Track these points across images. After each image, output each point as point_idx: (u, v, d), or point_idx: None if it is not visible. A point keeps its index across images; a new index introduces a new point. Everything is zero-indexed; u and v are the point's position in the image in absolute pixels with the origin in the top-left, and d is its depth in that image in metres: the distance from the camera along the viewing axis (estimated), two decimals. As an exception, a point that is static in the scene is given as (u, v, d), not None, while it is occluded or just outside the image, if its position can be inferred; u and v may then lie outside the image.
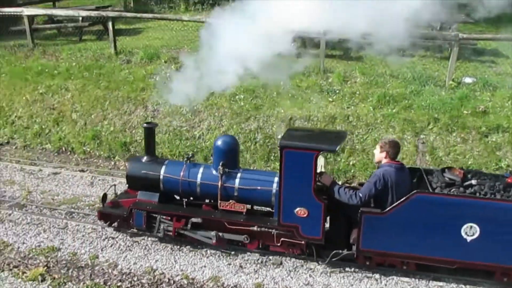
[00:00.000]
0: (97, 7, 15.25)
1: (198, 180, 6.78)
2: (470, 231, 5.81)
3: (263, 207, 6.97)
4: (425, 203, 5.84)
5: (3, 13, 13.15)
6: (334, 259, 6.32)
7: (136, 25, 15.74)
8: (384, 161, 6.19)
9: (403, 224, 5.95)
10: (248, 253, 6.70)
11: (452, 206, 5.78)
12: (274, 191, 6.45)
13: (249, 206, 6.82)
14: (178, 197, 7.18)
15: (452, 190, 5.98)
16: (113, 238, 7.09)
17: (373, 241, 6.12)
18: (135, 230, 7.12)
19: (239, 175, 6.67)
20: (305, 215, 6.20)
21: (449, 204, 5.79)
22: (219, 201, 6.70)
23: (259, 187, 6.55)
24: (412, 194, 5.80)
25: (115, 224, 7.20)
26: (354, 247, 6.20)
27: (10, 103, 11.30)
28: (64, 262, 6.56)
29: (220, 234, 6.61)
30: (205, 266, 6.49)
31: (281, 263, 6.53)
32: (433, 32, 12.02)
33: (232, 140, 6.94)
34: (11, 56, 12.97)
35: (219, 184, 6.61)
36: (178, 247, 6.89)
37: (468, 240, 5.84)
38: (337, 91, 10.08)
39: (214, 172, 6.72)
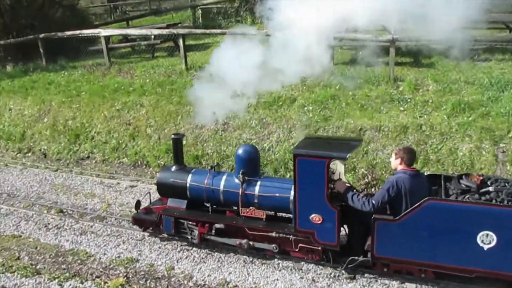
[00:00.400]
0: (167, 25, 15.84)
1: (221, 187, 7.10)
2: (487, 239, 5.61)
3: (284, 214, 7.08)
4: (437, 210, 5.72)
5: (83, 35, 14.01)
6: (350, 266, 6.34)
7: (205, 40, 16.17)
8: (399, 167, 6.14)
9: (416, 231, 5.86)
10: (321, 267, 6.66)
11: (465, 213, 5.63)
12: (291, 197, 6.56)
13: (272, 213, 7.04)
14: (207, 204, 7.37)
15: (466, 197, 5.80)
16: (187, 250, 7.28)
17: (387, 248, 6.08)
18: (165, 235, 7.53)
19: (259, 182, 6.92)
20: (320, 222, 6.32)
21: (463, 211, 5.65)
22: (240, 208, 6.98)
23: (277, 194, 6.74)
24: (424, 201, 5.71)
25: (150, 229, 7.60)
26: (369, 254, 6.20)
27: (90, 119, 11.97)
28: (142, 273, 6.82)
29: (251, 243, 6.86)
30: (277, 279, 6.51)
31: (354, 277, 6.43)
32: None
33: (252, 149, 7.20)
34: (90, 75, 13.75)
35: (240, 191, 6.90)
36: (251, 259, 6.96)
37: (485, 249, 5.63)
38: (409, 100, 9.81)
39: (235, 180, 6.99)
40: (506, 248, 5.54)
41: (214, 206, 7.34)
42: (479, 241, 5.62)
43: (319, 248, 6.51)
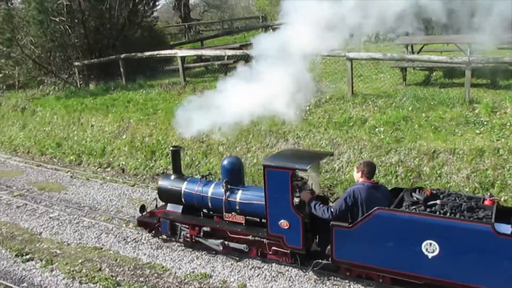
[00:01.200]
0: (240, 45, 16.28)
1: (209, 194, 7.94)
2: (430, 248, 5.99)
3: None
4: (385, 219, 6.20)
5: (160, 55, 14.71)
6: (315, 268, 7.02)
7: (276, 59, 16.42)
8: (360, 180, 6.66)
9: (368, 238, 6.35)
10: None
11: (410, 223, 6.07)
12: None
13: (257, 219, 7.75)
14: (205, 210, 8.25)
15: (411, 208, 6.23)
16: (259, 268, 7.45)
17: (344, 253, 6.64)
18: (164, 237, 8.56)
19: (240, 191, 7.71)
20: (287, 227, 7.03)
21: (407, 221, 6.10)
22: (224, 213, 7.81)
23: (255, 202, 7.47)
24: (374, 211, 6.20)
25: (153, 231, 8.67)
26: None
27: (166, 136, 12.53)
28: (215, 289, 7.07)
29: (226, 243, 7.74)
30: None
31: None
32: None
33: (236, 160, 8.08)
34: (166, 94, 14.39)
35: (224, 198, 7.70)
36: (321, 280, 7.01)
37: (430, 257, 6.02)
38: (485, 123, 9.49)
39: (221, 188, 7.74)
40: (448, 257, 5.91)
41: (205, 211, 8.27)
42: (423, 250, 6.03)
43: (288, 251, 7.17)
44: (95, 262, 8.07)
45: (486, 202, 6.25)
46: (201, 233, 7.98)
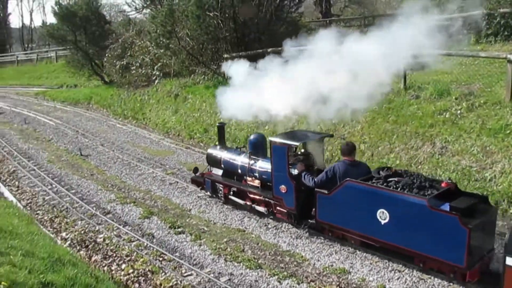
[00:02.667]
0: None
1: (239, 162, 9.92)
2: (383, 216, 7.24)
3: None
4: (352, 189, 7.62)
5: (306, 49, 14.95)
6: (305, 226, 8.74)
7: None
8: (342, 158, 8.32)
9: (341, 204, 7.86)
10: None
11: (368, 193, 7.40)
12: None
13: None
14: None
15: (372, 181, 7.52)
16: (399, 271, 7.33)
17: (325, 215, 8.23)
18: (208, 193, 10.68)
19: (260, 161, 9.56)
20: (285, 191, 8.81)
21: (366, 191, 7.42)
22: (247, 177, 9.82)
23: (268, 170, 9.18)
24: (344, 181, 7.72)
25: (201, 188, 10.87)
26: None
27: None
28: (354, 285, 7.10)
29: (250, 204, 9.68)
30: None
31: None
32: None
33: (259, 136, 10.11)
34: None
35: (248, 166, 9.62)
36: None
37: (382, 223, 7.26)
38: None
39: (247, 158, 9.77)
40: (395, 225, 7.12)
41: (237, 175, 10.16)
42: (378, 217, 7.30)
43: (285, 211, 8.93)
44: (239, 243, 8.57)
45: (443, 185, 7.20)
46: (231, 192, 10.02)
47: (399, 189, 7.14)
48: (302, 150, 9.59)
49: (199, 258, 8.12)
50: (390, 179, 7.48)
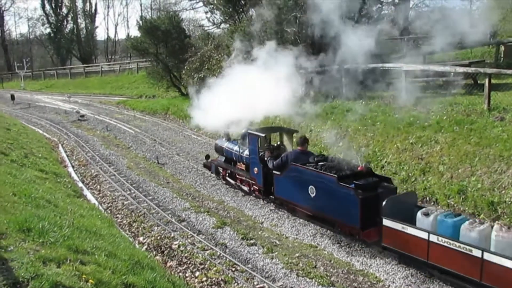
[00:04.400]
0: (470, 62, 15.36)
1: (234, 151, 12.52)
2: (312, 191, 9.47)
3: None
4: (294, 170, 9.97)
5: (384, 67, 14.74)
6: (268, 201, 11.37)
7: (510, 79, 15.10)
8: (296, 147, 10.76)
9: (288, 182, 10.20)
10: None
11: (302, 172, 9.71)
12: None
13: None
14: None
15: (306, 164, 9.83)
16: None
17: (279, 191, 10.61)
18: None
19: (246, 150, 11.90)
20: (256, 172, 11.29)
21: (301, 171, 9.75)
22: (237, 162, 12.46)
23: (250, 156, 11.69)
24: (290, 164, 10.12)
25: (210, 171, 13.87)
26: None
27: (382, 149, 12.53)
28: (431, 311, 6.85)
29: (237, 184, 12.46)
30: None
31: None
32: None
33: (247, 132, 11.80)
34: (385, 107, 14.39)
35: (238, 154, 12.30)
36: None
37: (312, 197, 9.50)
38: None
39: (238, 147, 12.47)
40: (319, 197, 9.35)
41: (233, 161, 12.83)
42: (309, 192, 9.54)
43: (258, 188, 11.43)
44: (311, 259, 8.53)
45: (359, 168, 9.32)
46: (227, 174, 12.84)
47: (322, 170, 9.39)
48: (278, 142, 12.36)
49: (271, 271, 8.16)
50: (320, 163, 9.79)
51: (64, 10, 60.57)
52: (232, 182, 12.57)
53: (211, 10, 29.09)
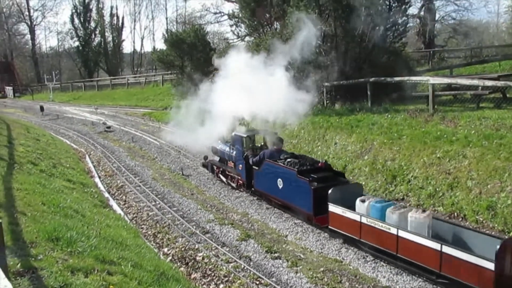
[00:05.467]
0: (499, 76, 15.12)
1: (226, 151, 14.22)
2: (280, 183, 11.32)
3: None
4: (268, 165, 11.89)
5: (410, 81, 14.62)
6: (250, 193, 13.21)
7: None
8: (273, 147, 12.66)
9: (263, 176, 12.07)
10: None
11: (274, 168, 11.64)
12: None
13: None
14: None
15: (277, 160, 11.80)
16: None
17: (258, 184, 12.49)
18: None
19: (234, 150, 13.73)
20: (241, 168, 13.17)
21: (273, 167, 11.68)
22: (228, 161, 14.21)
23: (235, 155, 13.68)
24: (265, 160, 12.02)
25: (208, 170, 15.88)
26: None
27: (409, 163, 12.36)
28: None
29: (227, 181, 14.41)
30: None
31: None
32: None
33: (235, 135, 13.65)
34: (412, 120, 14.23)
35: (228, 153, 13.99)
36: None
37: (280, 188, 11.36)
38: None
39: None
40: (285, 189, 11.15)
41: (225, 161, 14.64)
42: (278, 184, 11.34)
43: (242, 182, 13.37)
44: (336, 274, 8.44)
45: (320, 164, 11.22)
46: (220, 172, 14.79)
47: (287, 165, 11.27)
48: (262, 143, 14.14)
49: (296, 286, 8.10)
50: (288, 159, 11.63)
51: (92, 24, 61.97)
52: (224, 179, 14.49)
53: (236, 24, 29.42)
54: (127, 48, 68.25)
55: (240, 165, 13.13)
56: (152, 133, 24.83)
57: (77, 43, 62.24)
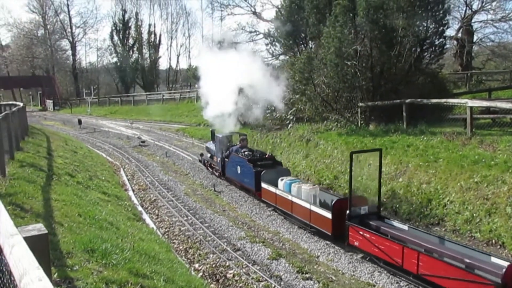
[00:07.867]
0: (541, 100, 14.71)
1: (213, 149, 18.68)
2: (239, 169, 15.81)
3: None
4: (233, 157, 16.42)
5: (448, 103, 14.37)
6: (223, 179, 17.79)
7: None
8: (238, 143, 17.43)
9: (231, 165, 16.51)
10: None
11: (235, 158, 16.20)
12: None
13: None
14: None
15: (238, 154, 16.40)
16: None
17: (227, 172, 17.14)
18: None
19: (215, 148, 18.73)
20: (219, 161, 17.76)
21: (235, 158, 16.26)
22: (214, 156, 18.47)
23: (216, 150, 18.52)
24: (232, 154, 16.59)
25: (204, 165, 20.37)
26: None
27: (445, 186, 12.09)
28: None
29: (213, 171, 19.12)
30: None
31: None
32: None
33: (223, 134, 18.25)
34: (448, 143, 13.94)
35: (214, 150, 18.43)
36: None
37: (239, 173, 15.84)
38: None
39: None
40: (242, 173, 15.60)
41: (214, 156, 19.08)
42: (238, 170, 15.87)
43: (219, 172, 18.03)
44: (369, 298, 8.27)
45: (266, 156, 15.76)
46: (209, 165, 18.94)
47: (242, 156, 15.61)
48: (238, 142, 17.37)
49: (327, 308, 7.98)
50: (246, 152, 15.98)
51: (131, 41, 63.64)
52: (211, 170, 18.96)
53: (271, 43, 29.65)
54: (163, 64, 69.47)
55: (218, 158, 17.65)
56: (186, 148, 25.12)
57: (115, 59, 64.03)
